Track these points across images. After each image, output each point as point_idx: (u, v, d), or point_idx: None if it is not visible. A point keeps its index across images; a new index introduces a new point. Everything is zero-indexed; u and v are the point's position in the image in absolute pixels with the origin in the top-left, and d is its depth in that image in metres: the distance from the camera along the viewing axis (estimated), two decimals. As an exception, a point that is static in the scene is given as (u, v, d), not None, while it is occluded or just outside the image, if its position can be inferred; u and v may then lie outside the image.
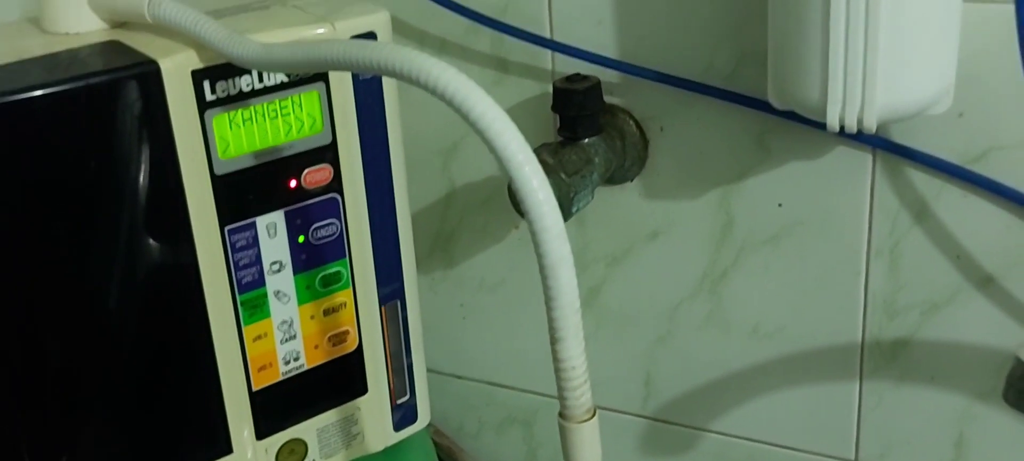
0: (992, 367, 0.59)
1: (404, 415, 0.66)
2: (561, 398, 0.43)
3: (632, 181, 0.66)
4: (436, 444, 0.78)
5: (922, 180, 0.57)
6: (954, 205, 0.57)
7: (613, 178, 0.66)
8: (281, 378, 0.59)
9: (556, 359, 0.41)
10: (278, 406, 0.60)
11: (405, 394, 0.66)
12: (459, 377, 0.78)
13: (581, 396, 0.42)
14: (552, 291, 0.40)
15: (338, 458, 0.64)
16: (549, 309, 0.41)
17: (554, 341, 0.41)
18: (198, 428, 0.57)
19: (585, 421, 0.43)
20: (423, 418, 0.68)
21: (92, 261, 0.52)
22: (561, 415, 0.43)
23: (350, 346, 0.62)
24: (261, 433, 0.60)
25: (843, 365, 0.63)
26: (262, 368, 0.59)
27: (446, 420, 0.80)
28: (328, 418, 0.62)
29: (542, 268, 0.40)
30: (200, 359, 0.56)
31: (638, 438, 0.72)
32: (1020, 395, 0.44)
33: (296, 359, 0.60)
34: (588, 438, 0.43)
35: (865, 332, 0.62)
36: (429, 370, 0.74)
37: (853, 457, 0.65)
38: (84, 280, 0.52)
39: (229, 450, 0.58)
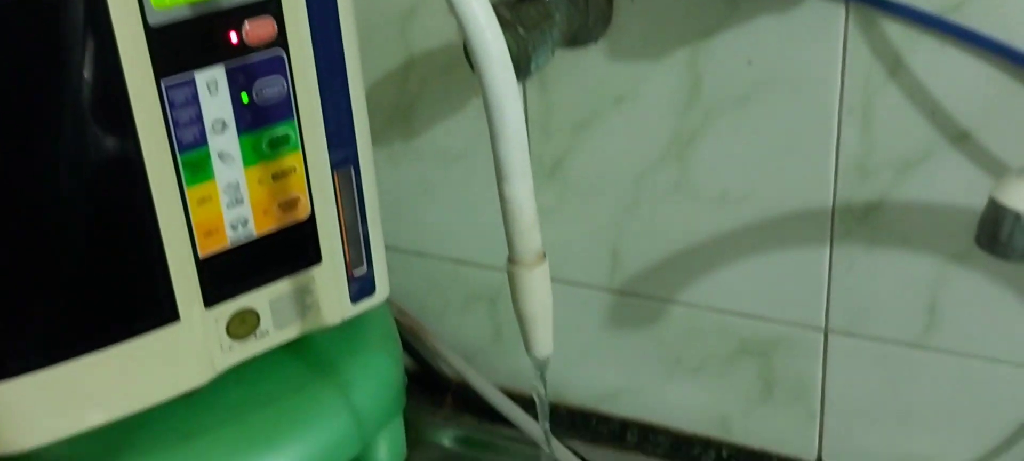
0: (966, 227, 0.57)
1: (361, 287, 0.64)
2: (509, 242, 0.40)
3: (596, 42, 0.63)
4: (399, 324, 0.76)
5: (897, 32, 0.55)
6: (929, 58, 0.55)
7: (577, 39, 0.63)
8: (229, 245, 0.57)
9: (503, 199, 0.39)
10: (227, 274, 0.57)
11: (362, 265, 0.64)
12: (422, 255, 0.76)
13: (530, 240, 0.40)
14: (497, 125, 0.38)
15: (292, 329, 0.61)
16: (495, 146, 0.38)
17: (501, 180, 0.39)
18: (143, 295, 0.55)
19: (535, 266, 0.41)
20: (381, 291, 0.65)
21: (17, 121, 0.49)
22: (510, 260, 0.41)
23: (301, 214, 0.60)
24: (209, 301, 0.57)
25: (813, 230, 0.61)
26: (208, 233, 0.56)
27: (409, 300, 0.78)
28: (280, 288, 0.60)
29: (487, 103, 0.38)
30: (141, 222, 0.53)
31: (605, 312, 0.70)
32: (993, 238, 0.42)
33: (244, 225, 0.57)
34: (539, 284, 0.41)
35: (836, 195, 0.59)
36: (391, 248, 0.72)
37: (822, 325, 0.63)
38: (9, 141, 0.49)
39: (175, 318, 0.56)
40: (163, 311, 0.56)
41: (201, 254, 0.56)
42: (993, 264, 0.57)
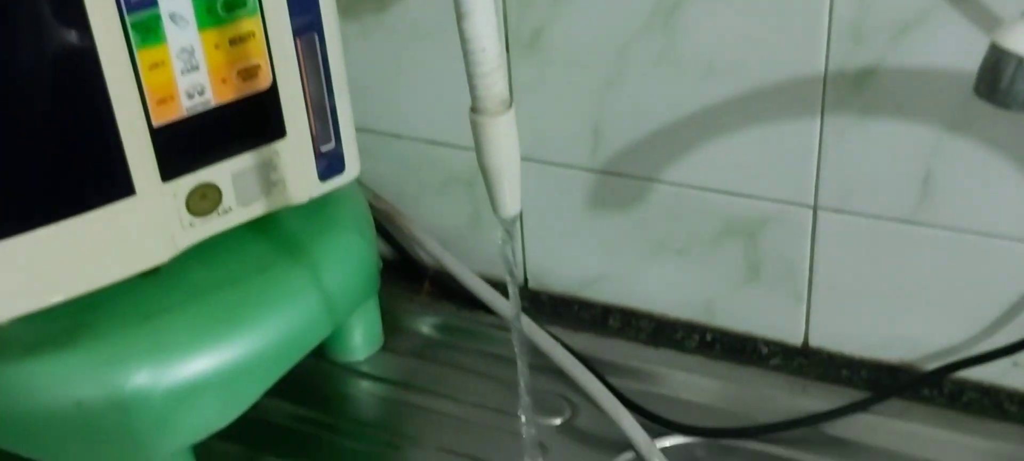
0: (963, 93, 0.54)
1: (330, 164, 0.61)
2: (472, 88, 0.37)
3: (576, -99, 0.59)
4: (374, 209, 0.73)
5: None
6: (930, -91, 0.51)
7: (555, -103, 0.59)
8: (186, 114, 0.54)
9: (464, 40, 0.36)
10: (184, 145, 0.55)
11: (330, 141, 0.61)
12: (397, 136, 0.73)
13: (494, 84, 0.37)
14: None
15: (257, 207, 0.59)
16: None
17: (461, 17, 0.36)
18: (95, 166, 0.52)
19: (500, 114, 0.38)
20: (351, 169, 0.63)
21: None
22: (472, 109, 0.38)
23: (263, 83, 0.56)
24: (167, 174, 0.54)
25: (803, 101, 0.58)
26: (162, 101, 0.53)
27: (384, 184, 0.75)
28: (243, 162, 0.57)
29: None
30: (90, 88, 0.50)
31: (586, 193, 0.67)
32: (992, 86, 0.39)
33: (201, 93, 0.54)
34: (504, 134, 0.38)
35: (828, 62, 0.56)
36: (364, 130, 0.69)
37: (812, 202, 0.61)
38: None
39: (131, 191, 0.53)
40: (117, 184, 0.53)
41: (155, 123, 0.53)
42: (990, 133, 0.55)
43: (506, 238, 0.42)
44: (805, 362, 0.66)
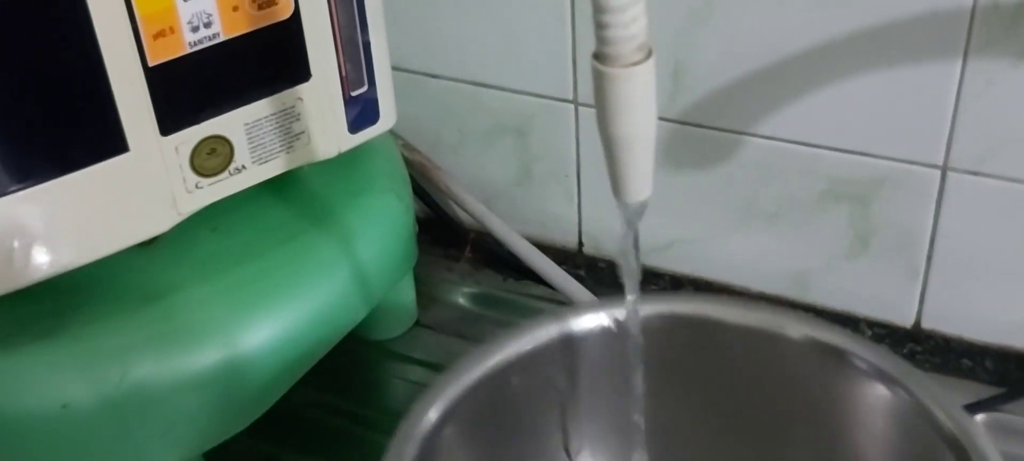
0: None
1: (362, 112, 0.51)
2: (598, 28, 0.27)
3: None
4: (406, 162, 0.63)
5: None
6: None
7: None
8: (188, 51, 0.44)
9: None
10: (186, 90, 0.44)
11: (362, 84, 0.51)
12: (433, 76, 0.63)
13: (632, 22, 0.27)
14: None
15: (276, 164, 0.49)
16: None
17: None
18: (79, 119, 0.42)
19: (637, 64, 0.28)
20: (387, 118, 0.53)
21: None
22: (596, 56, 0.28)
23: (283, 11, 0.46)
24: (166, 126, 0.44)
25: (942, 39, 0.48)
26: (159, 35, 0.43)
27: (418, 131, 0.65)
28: (259, 111, 0.47)
29: None
30: (69, 20, 0.40)
31: (660, 145, 0.57)
32: None
33: (207, 25, 0.44)
34: (641, 91, 0.28)
35: (978, -8, 0.46)
36: (396, 68, 0.59)
37: (941, 162, 0.51)
38: None
39: (123, 147, 0.43)
40: (106, 139, 0.43)
41: (150, 61, 0.43)
42: None
43: (629, 229, 0.32)
44: (917, 347, 0.56)
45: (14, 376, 0.44)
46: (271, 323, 0.47)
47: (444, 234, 0.67)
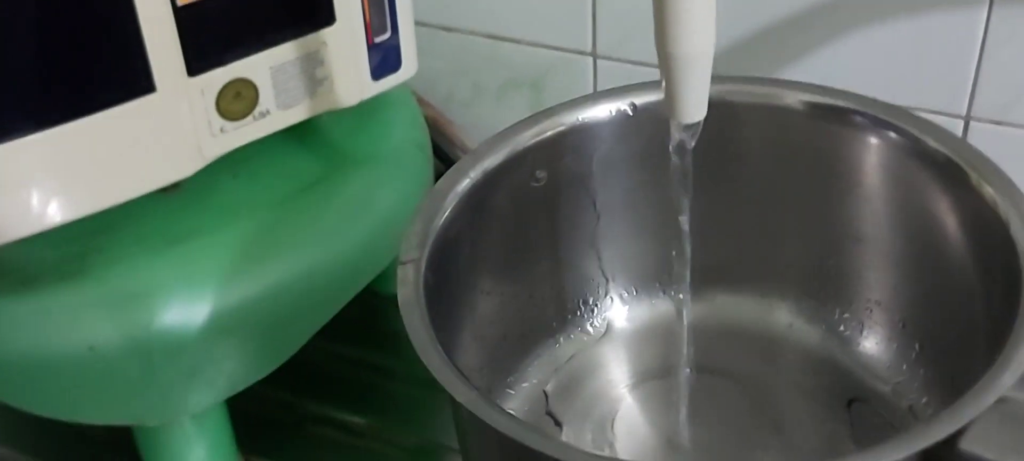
0: None
1: (384, 59, 0.51)
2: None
3: None
4: (420, 116, 0.63)
5: None
6: None
7: None
8: (217, -8, 0.43)
9: None
10: (215, 30, 0.44)
11: (385, 31, 0.50)
12: (447, 29, 0.62)
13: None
14: None
15: (300, 110, 0.48)
16: None
17: None
18: (106, 57, 0.42)
19: None
20: (409, 66, 0.52)
21: None
22: None
23: (310, -46, 0.46)
24: (194, 68, 0.44)
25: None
26: (188, -27, 0.42)
27: (432, 86, 0.64)
28: (284, 54, 0.47)
29: None
30: (98, -46, 0.40)
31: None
32: None
33: (236, -35, 0.44)
34: (700, 9, 0.28)
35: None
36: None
37: (964, 113, 0.51)
38: None
39: (150, 88, 0.43)
40: (134, 78, 0.43)
41: (180, 1, 0.43)
42: None
43: (683, 150, 0.32)
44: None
45: (41, 318, 0.43)
46: (295, 270, 0.47)
47: (458, 189, 0.66)
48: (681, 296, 0.42)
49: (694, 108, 0.30)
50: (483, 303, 0.44)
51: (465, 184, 0.41)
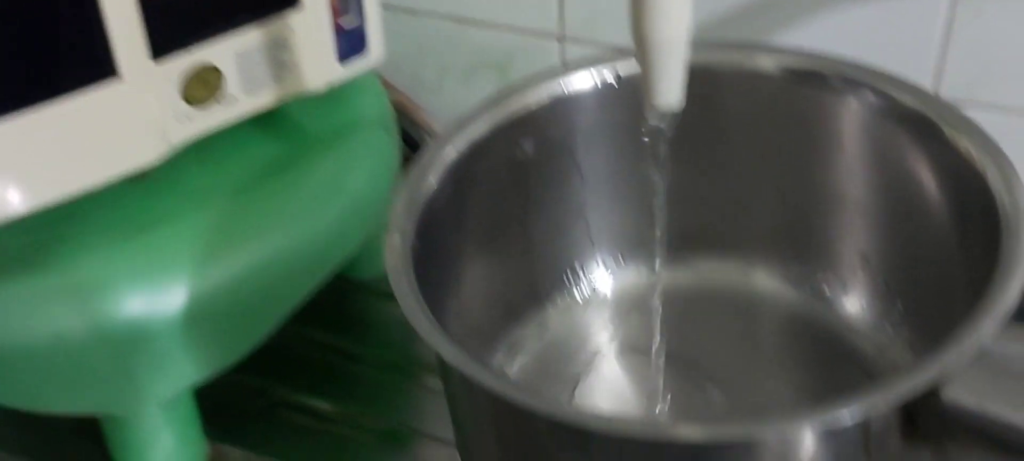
0: None
1: (351, 43, 0.50)
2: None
3: None
4: (386, 99, 0.63)
5: None
6: None
7: None
8: (180, -26, 0.43)
9: None
10: (180, 13, 0.43)
11: (351, 14, 0.50)
12: (412, 12, 0.62)
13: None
14: None
15: (267, 95, 0.48)
16: None
17: None
18: (71, 43, 0.41)
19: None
20: (376, 51, 0.52)
21: None
22: None
23: (275, -64, 0.45)
24: (158, 51, 0.43)
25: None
26: (152, -44, 0.42)
27: (397, 69, 0.64)
28: (249, 39, 0.46)
29: None
30: (58, -63, 0.39)
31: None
32: None
33: (200, -52, 0.43)
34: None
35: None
36: (376, 4, 0.58)
37: (930, 88, 0.51)
38: None
39: (113, 73, 0.42)
40: (96, 63, 0.42)
41: (145, -16, 0.42)
42: None
43: (657, 137, 0.32)
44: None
45: (5, 308, 0.43)
46: (263, 255, 0.47)
47: (425, 173, 0.66)
48: (656, 272, 0.42)
49: (670, 92, 0.31)
50: (469, 271, 0.44)
51: (451, 154, 0.41)
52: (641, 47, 0.29)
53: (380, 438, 0.51)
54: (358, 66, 0.51)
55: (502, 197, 0.44)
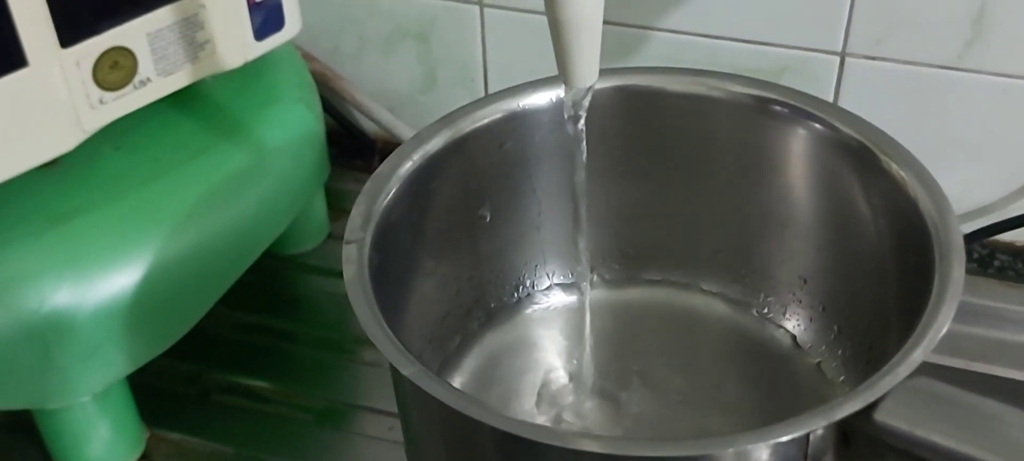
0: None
1: (266, 19, 0.50)
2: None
3: None
4: (307, 71, 0.62)
5: None
6: None
7: None
8: (87, -42, 0.42)
9: None
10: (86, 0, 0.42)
11: (265, -12, 0.49)
12: (332, -17, 0.61)
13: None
14: None
15: (182, 76, 0.47)
16: None
17: None
18: (-29, 33, 0.40)
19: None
20: (292, 25, 0.51)
21: None
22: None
23: (183, -87, 0.44)
24: (66, 39, 0.42)
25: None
26: (55, -60, 0.41)
27: (317, 41, 0.63)
28: (161, 19, 0.45)
29: None
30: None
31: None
32: None
33: (105, -71, 0.42)
34: None
35: None
36: (292, -24, 0.57)
37: (840, 48, 0.53)
38: None
39: (21, 61, 0.41)
40: (3, 53, 0.41)
41: (48, -31, 0.41)
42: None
43: (576, 115, 0.32)
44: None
45: (-78, 306, 0.41)
46: (187, 241, 0.46)
47: (351, 145, 0.66)
48: (583, 282, 0.43)
49: (585, 72, 0.31)
50: (425, 283, 0.44)
51: (408, 167, 0.41)
52: (555, 29, 0.30)
53: (318, 416, 0.51)
54: (275, 40, 0.51)
55: (458, 210, 0.45)
